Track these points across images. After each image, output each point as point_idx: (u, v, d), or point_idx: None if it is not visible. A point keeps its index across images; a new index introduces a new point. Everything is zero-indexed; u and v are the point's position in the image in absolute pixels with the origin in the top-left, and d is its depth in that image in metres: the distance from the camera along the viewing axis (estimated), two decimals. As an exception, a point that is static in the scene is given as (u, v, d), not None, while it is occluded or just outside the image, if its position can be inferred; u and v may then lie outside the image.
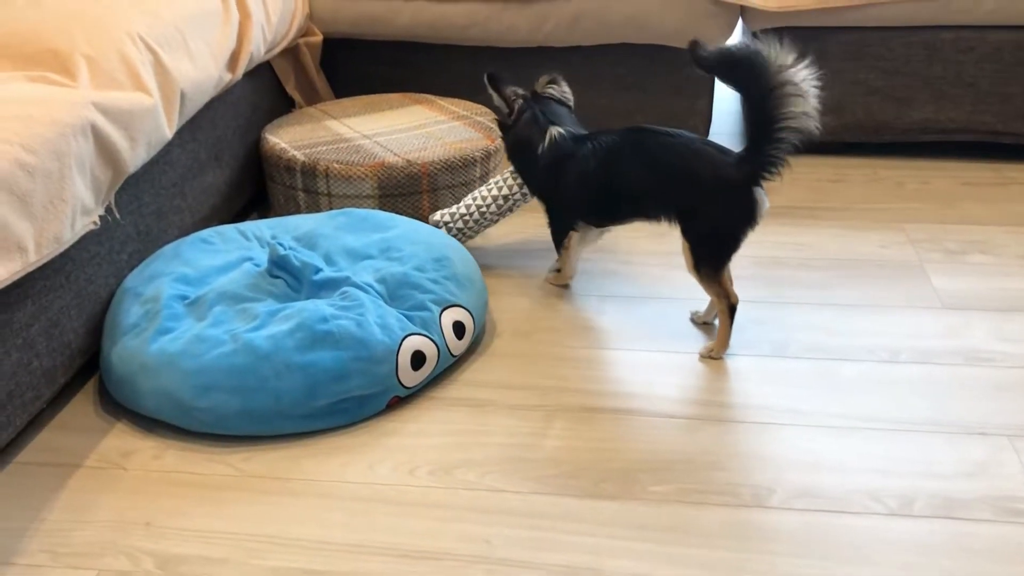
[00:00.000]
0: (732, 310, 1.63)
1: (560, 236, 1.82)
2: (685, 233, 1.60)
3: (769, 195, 1.56)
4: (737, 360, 1.65)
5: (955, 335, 1.70)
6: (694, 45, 1.50)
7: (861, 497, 1.33)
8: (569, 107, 1.83)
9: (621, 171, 1.64)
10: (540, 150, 1.74)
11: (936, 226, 2.10)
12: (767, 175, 1.51)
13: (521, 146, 1.79)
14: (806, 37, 2.34)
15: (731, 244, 1.58)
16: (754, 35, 2.37)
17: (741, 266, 1.95)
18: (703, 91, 2.45)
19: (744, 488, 1.36)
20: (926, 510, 1.31)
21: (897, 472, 1.38)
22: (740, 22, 2.42)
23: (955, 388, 1.56)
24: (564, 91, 1.83)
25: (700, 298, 1.83)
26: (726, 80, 1.53)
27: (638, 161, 1.62)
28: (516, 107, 1.81)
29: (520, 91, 1.83)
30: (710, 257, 1.60)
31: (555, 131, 1.73)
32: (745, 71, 1.45)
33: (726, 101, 2.94)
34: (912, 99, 2.37)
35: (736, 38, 3.04)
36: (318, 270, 1.62)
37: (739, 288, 1.86)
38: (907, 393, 1.55)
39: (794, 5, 2.26)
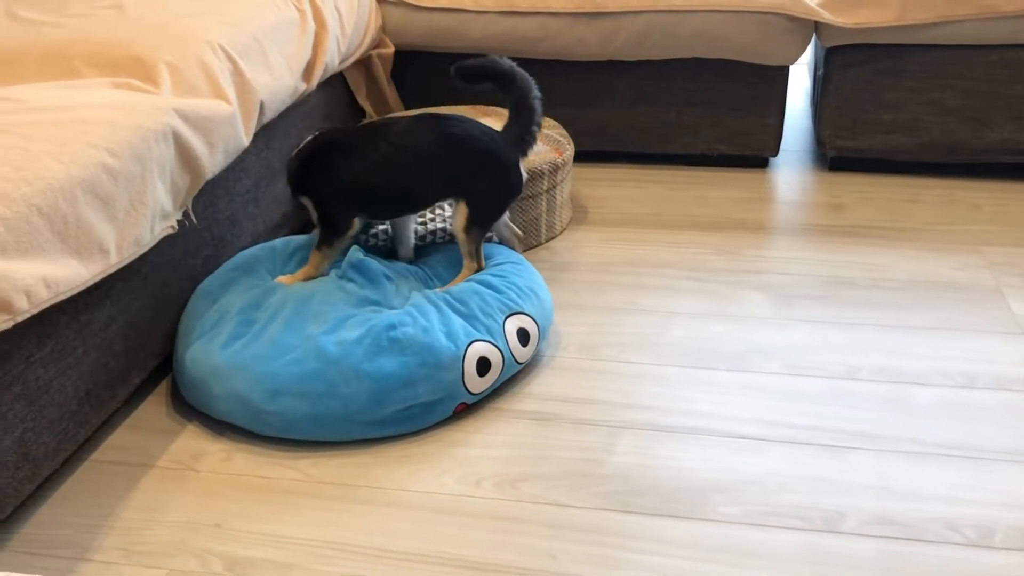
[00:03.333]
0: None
1: (335, 234, 1.76)
2: (468, 201, 1.74)
3: (841, 214, 1.54)
4: (808, 381, 1.62)
5: (1036, 362, 1.65)
6: (457, 66, 1.78)
7: (937, 526, 1.30)
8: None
9: (415, 160, 1.72)
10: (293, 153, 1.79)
11: (1014, 249, 2.04)
12: (527, 154, 1.81)
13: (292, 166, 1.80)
14: (882, 55, 2.31)
15: (501, 211, 1.81)
16: (830, 51, 2.34)
17: (811, 286, 1.92)
18: (774, 108, 2.42)
19: (815, 512, 1.33)
20: (1007, 542, 1.27)
21: (975, 501, 1.34)
22: (814, 38, 2.39)
23: (1036, 417, 1.52)
24: None
25: (767, 318, 1.81)
26: (484, 81, 1.80)
27: (432, 149, 1.72)
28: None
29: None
30: (483, 220, 1.76)
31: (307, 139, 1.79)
32: (508, 80, 1.77)
33: (796, 118, 2.90)
34: (991, 119, 2.32)
35: (808, 55, 3.02)
36: (389, 277, 1.66)
37: (810, 308, 1.84)
38: (984, 420, 1.51)
39: (870, 22, 2.22)
